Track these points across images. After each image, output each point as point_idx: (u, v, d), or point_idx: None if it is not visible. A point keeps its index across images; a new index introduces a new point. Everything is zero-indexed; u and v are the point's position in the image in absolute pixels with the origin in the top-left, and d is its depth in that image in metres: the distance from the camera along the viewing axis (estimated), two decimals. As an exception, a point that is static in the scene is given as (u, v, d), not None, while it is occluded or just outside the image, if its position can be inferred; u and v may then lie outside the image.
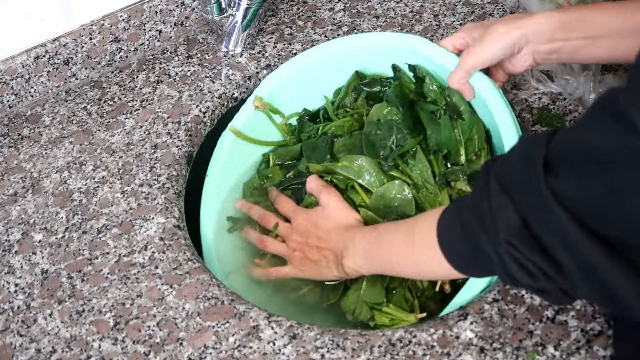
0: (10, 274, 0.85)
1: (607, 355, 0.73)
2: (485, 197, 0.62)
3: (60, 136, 0.99)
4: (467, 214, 0.66)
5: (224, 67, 1.06)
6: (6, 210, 0.91)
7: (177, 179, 0.94)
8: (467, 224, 0.65)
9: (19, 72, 1.01)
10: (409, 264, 0.77)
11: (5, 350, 0.78)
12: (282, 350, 0.76)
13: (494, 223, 0.61)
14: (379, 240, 0.80)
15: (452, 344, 0.75)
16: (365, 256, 0.81)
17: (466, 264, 0.70)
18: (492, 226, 0.61)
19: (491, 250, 0.62)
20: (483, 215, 0.62)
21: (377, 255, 0.80)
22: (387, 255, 0.79)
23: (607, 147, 0.54)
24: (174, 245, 0.86)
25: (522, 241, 0.60)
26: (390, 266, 0.80)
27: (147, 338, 0.78)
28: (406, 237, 0.76)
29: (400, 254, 0.77)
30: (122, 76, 1.06)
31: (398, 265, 0.78)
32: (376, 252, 0.80)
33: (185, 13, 1.10)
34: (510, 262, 0.61)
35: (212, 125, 1.02)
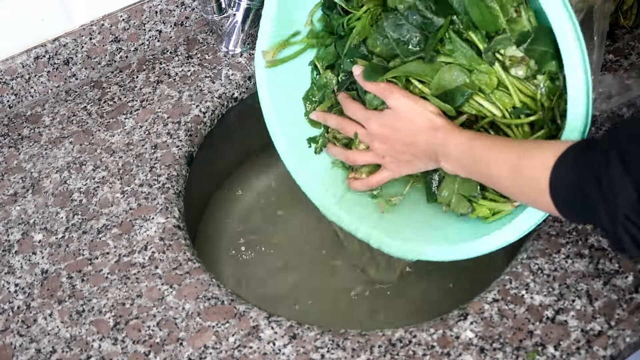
0: (10, 274, 0.85)
1: (607, 355, 0.73)
2: (605, 168, 0.64)
3: (60, 136, 0.99)
4: (585, 178, 0.66)
5: (224, 67, 1.06)
6: (6, 210, 0.91)
7: (177, 179, 0.94)
8: (585, 188, 0.66)
9: (19, 72, 1.01)
10: (513, 193, 0.76)
11: (5, 350, 0.78)
12: (282, 350, 0.76)
13: (614, 197, 0.63)
14: (475, 158, 0.78)
15: (452, 344, 0.75)
16: (461, 167, 0.80)
17: (576, 215, 0.71)
18: (612, 200, 0.63)
19: (606, 220, 0.64)
20: (603, 186, 0.64)
21: (473, 171, 0.79)
22: (485, 175, 0.78)
23: None
24: (174, 245, 0.86)
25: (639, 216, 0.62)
26: (490, 183, 0.79)
27: (147, 338, 0.78)
28: (510, 167, 0.74)
29: (503, 179, 0.75)
30: (122, 76, 1.06)
31: (499, 187, 0.78)
32: (472, 167, 0.79)
33: (185, 13, 1.10)
34: (623, 235, 0.63)
35: (212, 125, 1.02)
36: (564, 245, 0.82)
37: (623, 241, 0.63)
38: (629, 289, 0.78)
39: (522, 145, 0.76)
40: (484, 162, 0.77)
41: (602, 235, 0.77)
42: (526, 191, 0.73)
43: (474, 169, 0.79)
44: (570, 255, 0.81)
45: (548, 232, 0.83)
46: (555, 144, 0.71)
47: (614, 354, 0.73)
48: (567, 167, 0.68)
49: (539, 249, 0.82)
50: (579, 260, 0.81)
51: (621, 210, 0.62)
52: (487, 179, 0.78)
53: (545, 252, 0.82)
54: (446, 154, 0.80)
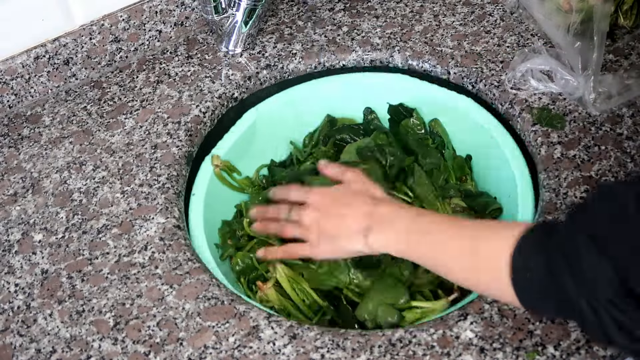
0: (10, 274, 0.85)
1: (607, 355, 0.73)
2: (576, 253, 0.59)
3: (60, 136, 0.99)
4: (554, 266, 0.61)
5: (224, 67, 1.06)
6: (6, 210, 0.91)
7: (177, 179, 0.94)
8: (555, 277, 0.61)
9: (19, 72, 1.01)
10: (464, 276, 0.71)
11: (5, 350, 0.78)
12: (282, 350, 0.76)
13: (593, 283, 0.58)
14: (429, 229, 0.74)
15: (452, 344, 0.75)
16: (406, 240, 0.74)
17: (539, 303, 0.66)
18: (591, 286, 0.58)
19: (587, 309, 0.59)
20: (577, 273, 0.59)
21: (422, 245, 0.74)
22: (435, 250, 0.73)
23: None
24: (174, 245, 0.86)
25: (624, 301, 0.57)
26: (434, 262, 0.73)
27: (147, 338, 0.78)
28: (466, 243, 0.70)
29: (455, 258, 0.71)
30: (122, 76, 1.06)
31: (446, 267, 0.73)
32: (422, 241, 0.74)
33: (185, 13, 1.10)
34: (610, 323, 0.58)
35: (212, 125, 1.02)
36: (564, 245, 0.82)
37: (608, 330, 0.58)
38: (629, 289, 0.78)
39: (481, 223, 0.73)
40: (430, 242, 0.73)
41: (579, 325, 0.69)
42: (482, 277, 0.69)
43: (421, 245, 0.74)
44: (570, 255, 0.81)
45: (548, 232, 0.83)
46: (511, 226, 0.67)
47: (614, 354, 0.73)
48: (530, 253, 0.64)
49: (539, 249, 0.82)
50: (579, 260, 0.81)
51: (602, 296, 0.57)
52: (432, 258, 0.74)
53: (545, 252, 0.81)
54: (390, 225, 0.76)
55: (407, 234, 0.74)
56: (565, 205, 0.85)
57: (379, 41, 1.07)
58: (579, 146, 0.92)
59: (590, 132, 0.93)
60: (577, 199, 0.85)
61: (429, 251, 0.73)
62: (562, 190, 0.87)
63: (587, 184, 0.87)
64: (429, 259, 0.74)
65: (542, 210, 0.85)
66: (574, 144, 0.92)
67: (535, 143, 0.93)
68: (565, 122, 0.94)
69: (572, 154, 0.91)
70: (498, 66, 1.02)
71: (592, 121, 0.94)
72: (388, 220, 0.76)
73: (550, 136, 0.93)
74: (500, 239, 0.66)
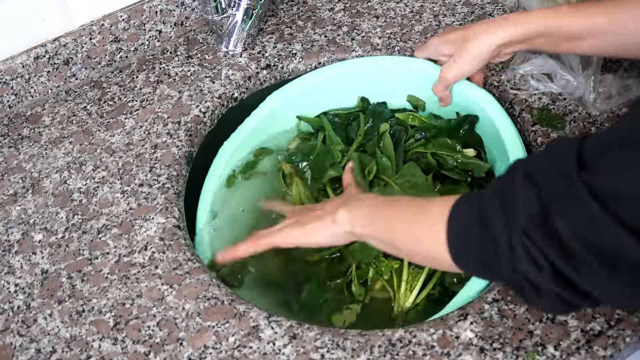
0: (10, 274, 0.85)
1: (607, 355, 0.73)
2: (508, 187, 0.61)
3: (60, 136, 0.99)
4: (487, 203, 0.63)
5: (224, 67, 1.06)
6: (6, 210, 0.91)
7: (177, 179, 0.94)
8: (485, 213, 0.63)
9: (19, 72, 1.01)
10: (409, 238, 0.73)
11: (5, 350, 0.78)
12: (282, 350, 0.76)
13: (514, 210, 0.59)
14: (388, 203, 0.77)
15: (452, 344, 0.75)
16: (369, 214, 0.77)
17: (466, 253, 0.67)
18: (512, 212, 0.59)
19: (504, 241, 0.60)
20: (504, 203, 0.61)
21: (381, 218, 0.76)
22: (391, 221, 0.75)
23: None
24: (174, 245, 0.86)
25: (539, 232, 0.58)
26: (390, 234, 0.75)
27: (147, 338, 0.78)
28: (418, 210, 0.73)
29: (405, 225, 0.73)
30: (122, 76, 1.06)
31: (398, 235, 0.74)
32: (382, 213, 0.76)
33: (185, 13, 1.10)
34: (522, 256, 0.59)
35: (212, 125, 1.02)
36: (564, 245, 0.82)
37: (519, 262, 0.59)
38: (629, 289, 0.78)
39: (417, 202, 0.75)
40: (395, 208, 0.76)
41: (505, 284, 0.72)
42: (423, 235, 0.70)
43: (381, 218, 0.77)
44: (570, 255, 0.81)
45: (548, 232, 0.83)
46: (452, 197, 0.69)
47: (614, 354, 0.73)
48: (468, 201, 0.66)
49: (539, 249, 0.82)
50: (579, 260, 0.81)
51: (521, 226, 0.58)
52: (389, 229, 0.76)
53: (545, 252, 0.81)
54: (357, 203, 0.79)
55: (370, 210, 0.78)
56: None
57: (379, 41, 1.07)
58: (579, 146, 0.92)
59: (590, 132, 0.93)
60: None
61: (385, 226, 0.76)
62: (562, 190, 0.87)
63: (587, 184, 0.87)
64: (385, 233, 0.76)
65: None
66: (574, 144, 0.92)
67: (535, 143, 0.93)
68: (565, 122, 0.94)
69: (572, 154, 0.91)
70: (498, 66, 1.02)
71: (592, 121, 0.94)
72: (357, 201, 0.80)
73: (550, 136, 0.93)
74: (444, 204, 0.68)
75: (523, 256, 0.59)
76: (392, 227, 0.75)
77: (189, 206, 0.94)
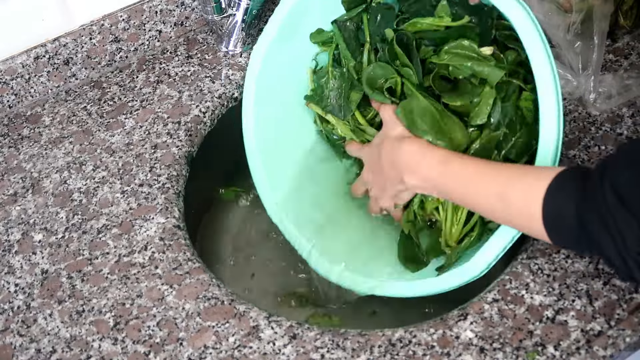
0: (10, 274, 0.85)
1: (607, 355, 0.73)
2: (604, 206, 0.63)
3: (60, 136, 0.99)
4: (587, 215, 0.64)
5: (224, 67, 1.06)
6: (6, 210, 0.91)
7: (177, 179, 0.94)
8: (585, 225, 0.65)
9: (19, 72, 1.01)
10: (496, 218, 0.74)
11: (5, 350, 0.78)
12: (282, 350, 0.76)
13: (623, 239, 0.62)
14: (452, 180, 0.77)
15: (452, 344, 0.75)
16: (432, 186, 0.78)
17: (573, 247, 0.73)
18: (621, 241, 0.62)
19: (616, 257, 0.64)
20: (607, 225, 0.63)
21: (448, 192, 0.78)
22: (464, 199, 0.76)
23: None
24: (174, 245, 0.86)
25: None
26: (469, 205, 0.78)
27: (147, 338, 0.78)
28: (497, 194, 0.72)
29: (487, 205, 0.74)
30: (122, 76, 1.06)
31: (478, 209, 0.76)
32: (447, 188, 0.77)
33: (185, 13, 1.10)
34: (635, 268, 0.63)
35: (212, 125, 1.02)
36: (564, 245, 0.82)
37: (635, 273, 0.64)
38: (629, 289, 0.78)
39: (509, 170, 0.74)
40: (462, 184, 0.76)
41: (607, 265, 0.77)
42: (515, 219, 0.72)
43: (449, 189, 0.77)
44: (570, 255, 0.81)
45: (548, 232, 0.83)
46: (543, 171, 0.70)
47: (614, 354, 0.73)
48: (561, 199, 0.67)
49: (539, 249, 0.82)
50: (579, 260, 0.81)
51: (633, 249, 0.62)
52: (466, 202, 0.77)
53: (545, 252, 0.81)
54: (412, 169, 0.80)
55: (435, 179, 0.78)
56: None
57: (379, 41, 1.07)
58: (579, 146, 0.92)
59: (590, 132, 0.93)
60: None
61: (462, 198, 0.77)
62: (562, 190, 0.87)
63: (587, 184, 0.87)
64: (465, 203, 0.78)
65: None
66: (574, 144, 0.92)
67: (535, 143, 0.93)
68: (565, 122, 0.94)
69: (572, 153, 0.91)
70: (498, 66, 1.02)
71: (592, 121, 0.94)
72: (412, 164, 0.80)
73: (550, 136, 0.93)
74: (531, 186, 0.69)
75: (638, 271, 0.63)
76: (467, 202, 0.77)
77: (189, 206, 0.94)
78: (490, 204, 0.73)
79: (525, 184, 0.70)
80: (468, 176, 0.75)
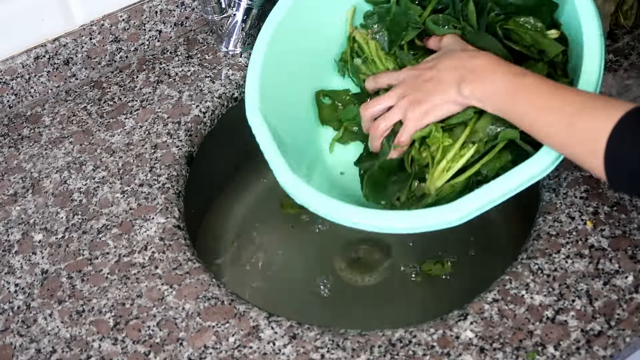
0: (10, 274, 0.85)
1: (607, 355, 0.73)
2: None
3: (60, 136, 0.99)
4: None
5: (224, 67, 1.06)
6: (6, 210, 0.91)
7: (177, 179, 0.94)
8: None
9: (19, 72, 1.01)
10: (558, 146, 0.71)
11: (5, 350, 0.78)
12: (282, 350, 0.76)
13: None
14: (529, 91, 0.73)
15: (452, 344, 0.75)
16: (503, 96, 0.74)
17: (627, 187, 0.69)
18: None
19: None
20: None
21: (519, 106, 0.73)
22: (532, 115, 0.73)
23: None
24: (174, 245, 0.86)
25: None
26: (529, 125, 0.73)
27: (147, 338, 0.78)
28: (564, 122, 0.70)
29: (551, 128, 0.71)
30: (122, 76, 1.06)
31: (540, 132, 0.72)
32: (520, 102, 0.73)
33: (185, 13, 1.10)
34: None
35: (212, 125, 1.02)
36: (564, 245, 0.82)
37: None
38: (629, 289, 0.78)
39: (582, 97, 0.71)
40: (532, 101, 0.72)
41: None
42: (577, 151, 0.69)
43: (516, 104, 0.74)
44: (570, 255, 0.81)
45: (548, 232, 0.83)
46: (612, 106, 0.67)
47: (614, 354, 0.73)
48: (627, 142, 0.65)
49: (539, 249, 0.82)
50: (579, 260, 0.81)
51: None
52: (528, 121, 0.73)
53: (545, 252, 0.82)
54: (476, 79, 0.75)
55: (505, 90, 0.74)
56: (565, 205, 0.85)
57: (379, 41, 1.07)
58: (579, 146, 0.92)
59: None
60: (577, 199, 0.85)
61: (525, 114, 0.73)
62: (562, 190, 0.87)
63: (587, 184, 0.87)
64: (524, 121, 0.74)
65: (542, 211, 0.85)
66: (574, 144, 0.92)
67: (535, 143, 0.93)
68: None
69: (572, 154, 0.91)
70: (498, 66, 1.02)
71: (592, 121, 0.94)
72: (484, 72, 0.76)
73: (550, 136, 0.93)
74: (599, 119, 0.66)
75: None
76: (532, 122, 0.73)
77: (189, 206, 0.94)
78: (555, 129, 0.70)
79: (595, 116, 0.67)
80: (541, 94, 0.72)
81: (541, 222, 0.84)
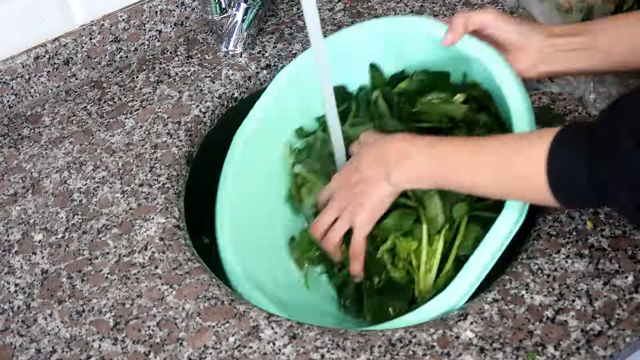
0: (10, 274, 0.85)
1: (607, 355, 0.73)
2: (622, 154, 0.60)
3: (60, 136, 0.99)
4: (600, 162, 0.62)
5: (224, 67, 1.06)
6: (6, 210, 0.91)
7: (177, 179, 0.94)
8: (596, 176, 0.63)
9: (19, 72, 1.01)
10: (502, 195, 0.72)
11: (5, 350, 0.78)
12: (282, 350, 0.76)
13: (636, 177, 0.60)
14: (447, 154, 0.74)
15: (452, 344, 0.75)
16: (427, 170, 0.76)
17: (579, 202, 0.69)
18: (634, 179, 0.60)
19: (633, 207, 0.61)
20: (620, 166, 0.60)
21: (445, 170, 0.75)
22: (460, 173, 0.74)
23: None
24: (174, 245, 0.86)
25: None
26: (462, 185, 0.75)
27: (147, 338, 0.78)
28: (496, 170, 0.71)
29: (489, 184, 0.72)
30: (122, 76, 1.06)
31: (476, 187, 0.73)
32: (444, 166, 0.75)
33: (185, 13, 1.10)
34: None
35: (212, 125, 1.02)
36: (564, 245, 0.82)
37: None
38: (629, 289, 0.78)
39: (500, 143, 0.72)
40: (457, 171, 0.74)
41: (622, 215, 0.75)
42: (522, 192, 0.71)
43: (445, 178, 0.75)
44: (570, 255, 0.81)
45: (548, 232, 0.83)
46: (539, 137, 0.67)
47: (614, 354, 0.73)
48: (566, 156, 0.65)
49: (539, 249, 0.82)
50: (579, 260, 0.81)
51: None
52: (467, 187, 0.75)
53: (545, 252, 0.82)
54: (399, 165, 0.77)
55: (427, 167, 0.76)
56: (565, 205, 0.85)
57: (379, 41, 1.07)
58: (579, 146, 0.92)
59: (590, 132, 0.93)
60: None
61: (458, 180, 0.74)
62: (562, 190, 0.87)
63: (587, 184, 0.87)
64: (462, 186, 0.75)
65: (542, 211, 0.85)
66: (574, 144, 0.92)
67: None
68: (565, 122, 0.94)
69: (572, 154, 0.91)
70: (498, 66, 1.02)
71: (592, 121, 0.94)
72: (401, 157, 0.77)
73: (550, 136, 0.93)
74: (530, 154, 0.67)
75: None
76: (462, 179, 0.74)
77: (188, 206, 0.94)
78: (492, 181, 0.71)
79: (525, 154, 0.68)
80: (465, 155, 0.74)
81: (541, 222, 0.84)
